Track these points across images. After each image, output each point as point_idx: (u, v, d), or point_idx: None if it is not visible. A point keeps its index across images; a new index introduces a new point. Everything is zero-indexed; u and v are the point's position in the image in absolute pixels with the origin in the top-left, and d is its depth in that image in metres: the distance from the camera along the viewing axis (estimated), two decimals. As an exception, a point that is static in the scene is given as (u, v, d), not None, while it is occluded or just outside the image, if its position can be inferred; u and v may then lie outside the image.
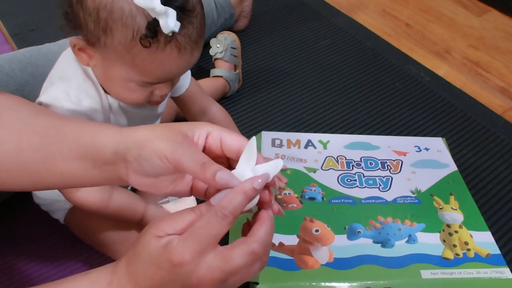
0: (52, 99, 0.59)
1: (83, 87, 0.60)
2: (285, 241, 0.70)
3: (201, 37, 0.56)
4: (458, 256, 0.68)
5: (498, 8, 1.44)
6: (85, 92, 0.60)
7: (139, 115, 0.68)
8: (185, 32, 0.53)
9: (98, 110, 0.61)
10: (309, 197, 0.77)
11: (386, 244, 0.70)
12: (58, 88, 0.60)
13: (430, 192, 0.79)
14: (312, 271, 0.66)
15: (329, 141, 0.88)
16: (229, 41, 1.07)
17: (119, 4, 0.50)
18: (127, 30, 0.51)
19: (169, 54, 0.53)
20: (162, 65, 0.55)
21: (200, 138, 0.43)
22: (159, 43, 0.52)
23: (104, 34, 0.52)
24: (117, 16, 0.50)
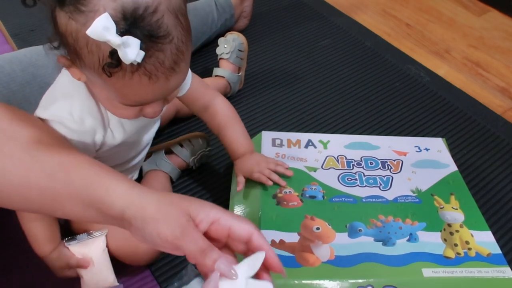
0: (56, 118, 0.58)
1: (85, 105, 0.59)
2: (286, 238, 0.70)
3: (181, 62, 0.51)
4: (459, 255, 0.68)
5: (498, 8, 1.44)
6: (87, 111, 0.59)
7: (137, 126, 0.67)
8: (154, 60, 0.48)
9: (99, 128, 0.61)
10: (309, 195, 0.77)
11: (387, 243, 0.70)
12: (61, 107, 0.58)
13: (430, 192, 0.79)
14: (313, 268, 0.66)
15: (329, 141, 0.88)
16: (238, 43, 1.06)
17: (82, 32, 0.47)
18: (93, 56, 0.48)
19: (139, 81, 0.49)
20: (135, 92, 0.51)
21: (203, 221, 0.44)
22: (125, 72, 0.48)
23: (77, 58, 0.50)
24: (82, 44, 0.48)
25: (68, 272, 0.68)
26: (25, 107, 0.75)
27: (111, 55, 0.46)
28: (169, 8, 0.48)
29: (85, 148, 0.62)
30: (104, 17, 0.44)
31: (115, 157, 0.70)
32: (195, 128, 0.99)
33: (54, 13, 0.50)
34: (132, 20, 0.46)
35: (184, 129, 0.99)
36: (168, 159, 0.86)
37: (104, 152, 0.66)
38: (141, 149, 0.75)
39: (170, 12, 0.48)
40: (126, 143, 0.68)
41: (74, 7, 0.47)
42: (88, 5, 0.46)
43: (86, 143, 0.61)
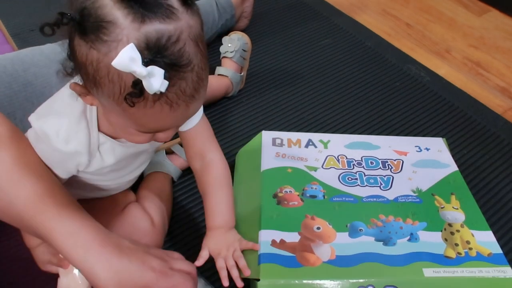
0: (42, 134, 0.58)
1: (74, 128, 0.59)
2: (286, 238, 0.70)
3: (201, 89, 0.51)
4: (460, 255, 0.68)
5: (499, 8, 1.44)
6: (74, 135, 0.59)
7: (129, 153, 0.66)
8: (176, 89, 0.48)
9: (82, 152, 0.60)
10: (310, 195, 0.77)
11: (388, 242, 0.70)
12: (51, 124, 0.58)
13: (431, 192, 0.79)
14: (314, 268, 0.66)
15: (330, 141, 0.88)
16: (242, 42, 1.06)
17: (104, 62, 0.47)
18: (114, 86, 0.48)
19: (160, 110, 0.49)
20: (155, 120, 0.51)
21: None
22: (147, 101, 0.47)
23: (95, 87, 0.50)
24: (103, 73, 0.47)
25: (50, 268, 0.68)
26: (27, 107, 0.76)
27: (135, 85, 0.45)
28: (190, 36, 0.48)
29: (65, 167, 0.62)
30: (130, 48, 0.43)
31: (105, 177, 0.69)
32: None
33: (73, 42, 0.49)
34: (156, 49, 0.45)
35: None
36: (169, 159, 0.86)
37: (93, 172, 0.66)
38: (132, 171, 0.74)
39: (191, 39, 0.48)
40: (116, 167, 0.67)
41: (96, 37, 0.46)
42: (110, 34, 0.45)
43: (66, 164, 0.61)
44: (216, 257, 0.68)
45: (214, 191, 0.71)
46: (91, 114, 0.60)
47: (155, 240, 0.73)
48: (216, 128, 1.00)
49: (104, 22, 0.45)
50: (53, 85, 0.80)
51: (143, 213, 0.73)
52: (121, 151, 0.64)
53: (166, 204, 0.81)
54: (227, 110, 1.05)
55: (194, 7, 0.49)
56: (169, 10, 0.46)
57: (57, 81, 0.63)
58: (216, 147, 0.73)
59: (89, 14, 0.46)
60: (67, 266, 0.65)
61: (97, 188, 0.71)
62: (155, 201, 0.78)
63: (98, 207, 0.73)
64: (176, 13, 0.47)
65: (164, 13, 0.46)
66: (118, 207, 0.74)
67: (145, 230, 0.72)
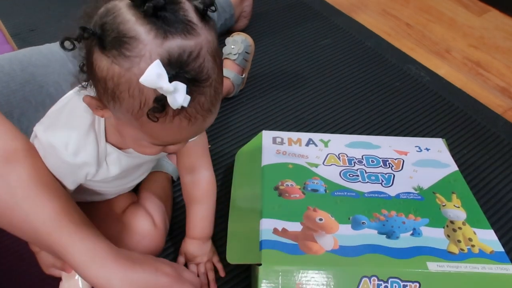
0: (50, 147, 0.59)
1: (83, 141, 0.59)
2: (288, 227, 0.69)
3: (217, 102, 0.52)
4: (463, 251, 0.68)
5: (499, 7, 1.44)
6: (83, 147, 0.59)
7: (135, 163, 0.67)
8: (195, 104, 0.48)
9: (91, 163, 0.61)
10: (311, 189, 0.77)
11: (391, 236, 0.70)
12: (59, 137, 0.59)
13: (432, 190, 0.79)
14: (317, 256, 0.65)
15: (330, 140, 0.88)
16: (246, 45, 1.05)
17: (126, 77, 0.47)
18: (135, 100, 0.48)
19: (179, 124, 0.50)
20: (172, 133, 0.52)
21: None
22: (167, 116, 0.48)
23: (113, 101, 0.50)
24: (123, 88, 0.48)
25: (54, 271, 0.69)
26: (25, 106, 0.76)
27: (157, 101, 0.46)
28: (209, 51, 0.48)
29: (73, 178, 0.62)
30: (157, 65, 0.44)
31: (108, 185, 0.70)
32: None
33: (92, 56, 0.48)
34: (178, 65, 0.45)
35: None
36: (169, 159, 0.86)
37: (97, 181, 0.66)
38: (134, 179, 0.74)
39: (210, 55, 0.48)
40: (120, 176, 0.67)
41: (118, 52, 0.46)
42: (133, 50, 0.45)
43: (75, 175, 0.62)
44: (189, 263, 0.74)
45: (199, 205, 0.74)
46: (99, 125, 0.60)
47: (157, 240, 0.73)
48: (216, 128, 1.00)
49: (127, 37, 0.45)
50: (50, 84, 0.80)
51: (145, 214, 0.74)
52: (126, 161, 0.64)
53: (166, 204, 0.81)
54: (227, 110, 1.05)
55: (211, 22, 0.50)
56: (190, 25, 0.46)
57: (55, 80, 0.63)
58: (208, 164, 0.74)
59: (111, 29, 0.46)
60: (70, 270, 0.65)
61: (98, 193, 0.72)
62: (156, 202, 0.78)
63: (99, 209, 0.73)
64: (196, 29, 0.47)
65: (185, 29, 0.46)
66: (120, 209, 0.74)
67: (147, 231, 0.72)
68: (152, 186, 0.82)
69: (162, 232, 0.74)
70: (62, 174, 0.61)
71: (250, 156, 0.86)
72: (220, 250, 0.77)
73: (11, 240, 0.77)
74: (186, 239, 0.76)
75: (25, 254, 0.73)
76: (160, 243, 0.74)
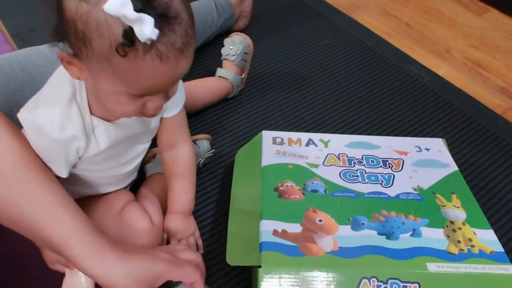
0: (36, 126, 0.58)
1: (66, 114, 0.59)
2: (288, 229, 0.69)
3: (189, 46, 0.52)
4: (462, 251, 0.68)
5: (499, 7, 1.44)
6: (68, 120, 0.59)
7: (123, 135, 0.67)
8: (166, 40, 0.49)
9: (79, 136, 0.61)
10: (311, 189, 0.77)
11: (391, 236, 0.70)
12: (42, 115, 0.59)
13: (432, 190, 0.79)
14: (317, 258, 0.65)
15: (330, 140, 0.88)
16: (244, 45, 1.04)
17: (94, 14, 0.48)
18: (104, 39, 0.49)
19: (151, 63, 0.50)
20: (146, 76, 0.52)
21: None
22: (138, 52, 0.49)
23: (84, 46, 0.50)
24: (93, 26, 0.48)
25: (58, 267, 0.69)
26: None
27: (125, 34, 0.47)
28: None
29: (65, 156, 0.62)
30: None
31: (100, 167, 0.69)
32: (197, 127, 0.99)
33: (62, 1, 0.50)
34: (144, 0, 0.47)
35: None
36: None
37: (89, 160, 0.66)
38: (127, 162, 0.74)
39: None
40: (111, 154, 0.67)
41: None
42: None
43: (66, 151, 0.62)
44: (171, 239, 0.75)
45: (181, 179, 0.76)
46: (82, 97, 0.60)
47: (154, 239, 0.73)
48: (216, 128, 1.00)
49: None
50: None
51: (142, 212, 0.73)
52: (115, 133, 0.64)
53: (164, 203, 0.80)
54: (227, 110, 1.05)
55: None
56: None
57: None
58: (188, 139, 0.76)
59: None
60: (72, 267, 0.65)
61: (94, 183, 0.72)
62: (155, 201, 0.78)
63: (97, 208, 0.73)
64: None
65: None
66: (118, 207, 0.74)
67: (144, 229, 0.72)
68: (151, 186, 0.82)
69: (159, 230, 0.74)
70: (53, 154, 0.60)
71: (250, 156, 0.86)
72: (221, 250, 0.77)
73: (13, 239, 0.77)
74: (168, 215, 0.76)
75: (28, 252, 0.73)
76: (157, 241, 0.74)
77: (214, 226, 0.82)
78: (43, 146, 0.59)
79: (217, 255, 0.77)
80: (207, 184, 0.89)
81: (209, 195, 0.87)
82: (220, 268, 0.76)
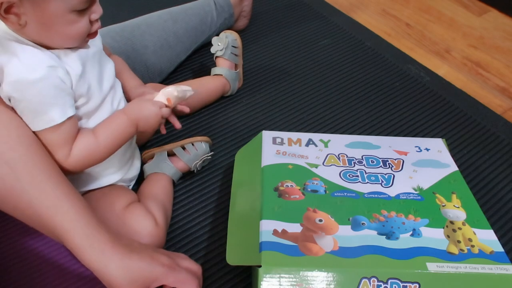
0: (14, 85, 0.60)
1: (26, 56, 0.60)
2: (288, 228, 0.69)
3: None
4: (462, 251, 0.68)
5: (498, 8, 1.44)
6: (32, 59, 0.61)
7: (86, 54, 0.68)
8: None
9: (54, 65, 0.62)
10: (311, 189, 0.77)
11: (391, 236, 0.70)
12: (9, 72, 0.60)
13: (432, 190, 0.79)
14: (317, 257, 0.65)
15: (330, 140, 0.88)
16: (230, 39, 1.05)
17: None
18: None
19: None
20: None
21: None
22: None
23: None
24: None
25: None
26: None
27: None
28: None
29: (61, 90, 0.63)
30: None
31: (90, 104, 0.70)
32: (197, 127, 0.99)
33: None
34: None
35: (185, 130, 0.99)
36: (171, 161, 0.86)
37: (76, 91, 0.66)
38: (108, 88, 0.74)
39: None
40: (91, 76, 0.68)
41: None
42: None
43: (57, 84, 0.62)
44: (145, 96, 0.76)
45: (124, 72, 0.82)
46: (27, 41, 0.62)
47: (159, 239, 0.73)
48: (216, 128, 1.00)
49: None
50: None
51: (146, 212, 0.74)
52: (78, 54, 0.66)
53: (167, 204, 0.81)
54: (227, 110, 1.05)
55: None
56: None
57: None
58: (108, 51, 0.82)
59: None
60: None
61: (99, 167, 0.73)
62: (157, 201, 0.78)
63: (100, 207, 0.73)
64: None
65: None
66: (121, 207, 0.74)
67: (148, 229, 0.72)
68: (153, 186, 0.82)
69: (163, 230, 0.75)
70: (50, 97, 0.61)
71: (250, 156, 0.86)
72: (221, 250, 0.77)
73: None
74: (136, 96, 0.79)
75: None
76: (161, 241, 0.74)
77: (214, 226, 0.82)
78: (34, 96, 0.60)
79: (217, 255, 0.77)
80: (207, 184, 0.89)
81: (209, 195, 0.87)
82: (220, 268, 0.76)
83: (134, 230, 0.71)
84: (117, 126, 0.69)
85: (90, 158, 0.68)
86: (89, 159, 0.68)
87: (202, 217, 0.83)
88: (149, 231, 0.72)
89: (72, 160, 0.66)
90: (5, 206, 0.61)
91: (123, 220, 0.72)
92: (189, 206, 0.85)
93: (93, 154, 0.68)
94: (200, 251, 0.78)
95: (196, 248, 0.79)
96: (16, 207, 0.61)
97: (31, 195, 0.59)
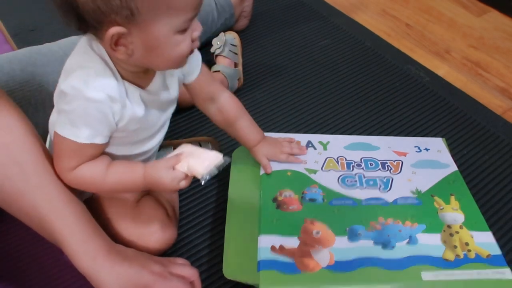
0: (72, 89, 0.58)
1: (101, 75, 0.59)
2: (285, 243, 0.70)
3: None
4: (459, 257, 0.68)
5: (498, 8, 1.44)
6: (103, 81, 0.59)
7: (156, 101, 0.67)
8: None
9: (115, 98, 0.60)
10: (309, 198, 0.77)
11: (387, 245, 0.70)
12: (78, 76, 0.59)
13: (430, 193, 0.79)
14: (313, 274, 0.66)
15: (329, 142, 0.88)
16: (229, 37, 1.09)
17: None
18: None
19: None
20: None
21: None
22: None
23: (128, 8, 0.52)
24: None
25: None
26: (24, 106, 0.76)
27: None
28: None
29: (104, 120, 0.61)
30: None
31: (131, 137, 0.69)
32: (197, 127, 0.99)
33: None
34: None
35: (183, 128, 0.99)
36: None
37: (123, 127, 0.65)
38: (157, 129, 0.73)
39: None
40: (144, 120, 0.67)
41: None
42: None
43: (104, 113, 0.61)
44: (277, 157, 0.83)
45: (240, 119, 0.80)
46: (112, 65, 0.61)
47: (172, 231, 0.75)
48: (216, 128, 1.00)
49: None
50: (50, 84, 0.81)
51: (158, 205, 0.76)
52: (147, 98, 0.65)
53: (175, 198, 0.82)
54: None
55: None
56: None
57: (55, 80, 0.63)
58: (221, 86, 0.80)
59: None
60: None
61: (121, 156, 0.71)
62: (166, 195, 0.79)
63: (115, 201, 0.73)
64: None
65: None
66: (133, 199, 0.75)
67: (162, 220, 0.73)
68: None
69: (175, 222, 0.77)
70: (93, 119, 0.60)
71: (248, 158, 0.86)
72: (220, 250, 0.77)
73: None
74: (253, 149, 0.82)
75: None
76: (174, 233, 0.75)
77: (214, 226, 0.82)
78: (81, 109, 0.59)
79: (217, 255, 0.77)
80: (207, 184, 0.89)
81: (209, 195, 0.87)
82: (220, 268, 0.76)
83: (148, 222, 0.72)
84: (130, 179, 0.65)
85: (88, 185, 0.66)
86: (86, 185, 0.66)
87: (202, 217, 0.83)
88: (163, 221, 0.73)
89: (72, 175, 0.63)
90: (10, 207, 0.63)
91: (137, 212, 0.73)
92: (190, 206, 0.85)
93: (93, 184, 0.65)
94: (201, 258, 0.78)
95: (198, 247, 0.79)
96: (21, 208, 0.62)
97: (37, 198, 0.61)
